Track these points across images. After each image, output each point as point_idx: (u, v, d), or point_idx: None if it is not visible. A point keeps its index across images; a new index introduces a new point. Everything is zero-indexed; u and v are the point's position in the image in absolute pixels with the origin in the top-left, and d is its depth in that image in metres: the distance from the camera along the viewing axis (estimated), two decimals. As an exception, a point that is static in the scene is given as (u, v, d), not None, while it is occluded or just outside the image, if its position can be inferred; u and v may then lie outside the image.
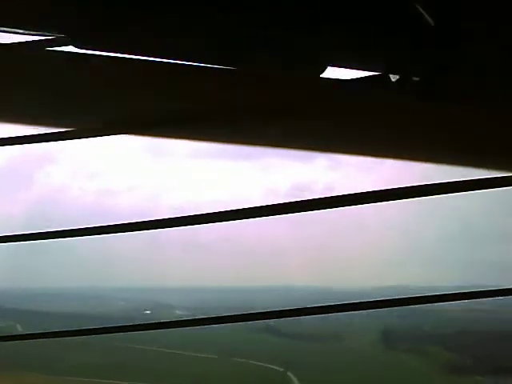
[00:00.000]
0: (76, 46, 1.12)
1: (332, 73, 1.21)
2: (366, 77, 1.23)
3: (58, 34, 1.13)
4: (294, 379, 22.08)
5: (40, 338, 1.65)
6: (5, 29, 1.12)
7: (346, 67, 1.21)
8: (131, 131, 1.23)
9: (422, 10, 1.12)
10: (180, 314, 30.94)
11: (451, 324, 24.82)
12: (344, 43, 1.17)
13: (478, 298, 1.54)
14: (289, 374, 22.09)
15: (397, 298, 1.50)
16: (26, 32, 1.14)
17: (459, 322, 24.77)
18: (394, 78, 1.22)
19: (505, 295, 1.50)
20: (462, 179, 1.29)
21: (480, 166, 1.33)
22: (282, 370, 21.95)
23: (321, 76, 1.20)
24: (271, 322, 29.38)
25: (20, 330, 25.82)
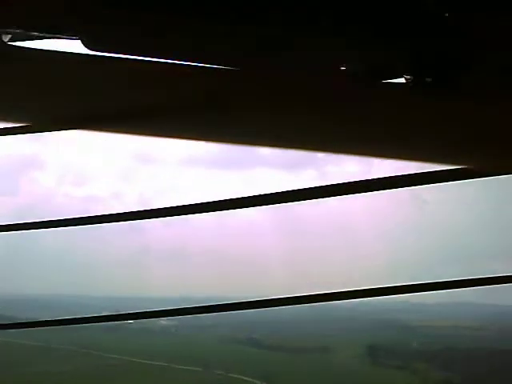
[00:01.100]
0: (88, 48, 1.11)
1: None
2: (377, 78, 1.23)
3: (71, 35, 1.13)
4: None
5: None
6: (18, 31, 1.12)
7: (347, 67, 1.21)
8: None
9: (436, 9, 1.11)
10: (164, 323, 30.75)
11: (439, 340, 24.68)
12: (356, 43, 1.16)
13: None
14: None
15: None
16: (41, 35, 1.13)
17: (447, 339, 24.66)
18: (393, 78, 1.21)
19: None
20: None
21: (479, 166, 1.34)
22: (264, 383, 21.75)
23: (320, 75, 1.20)
24: (256, 334, 29.44)
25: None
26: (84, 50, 1.12)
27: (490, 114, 1.22)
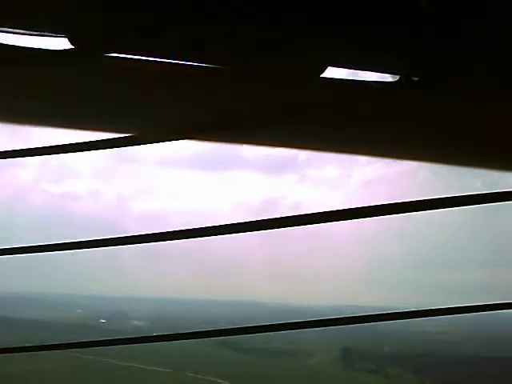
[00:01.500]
0: (79, 48, 1.12)
1: (332, 73, 1.22)
2: (365, 78, 1.24)
3: (61, 35, 1.13)
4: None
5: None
6: (15, 30, 1.12)
7: (346, 67, 1.21)
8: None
9: (424, 9, 1.12)
10: (137, 324, 30.44)
11: (411, 346, 24.85)
12: (344, 43, 1.16)
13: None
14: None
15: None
16: (36, 33, 1.13)
17: (419, 344, 24.85)
18: (394, 78, 1.22)
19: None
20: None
21: (479, 166, 1.34)
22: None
23: (320, 76, 1.20)
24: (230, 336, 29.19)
25: (-26, 335, 24.97)
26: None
27: (490, 114, 1.22)
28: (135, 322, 30.18)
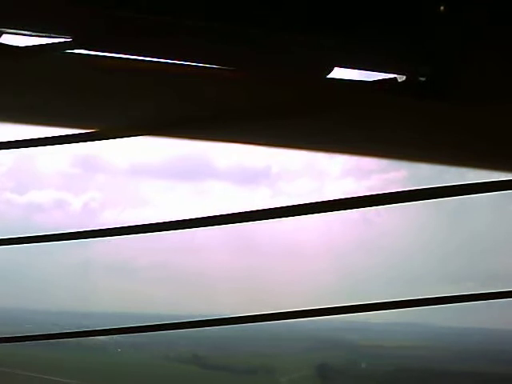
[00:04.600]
0: (81, 48, 1.15)
1: (337, 74, 1.22)
2: (372, 79, 1.24)
3: (64, 35, 1.14)
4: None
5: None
6: (10, 30, 1.13)
7: (350, 68, 1.22)
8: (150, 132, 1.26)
9: (427, 11, 1.12)
10: (106, 340, 29.93)
11: (388, 361, 24.70)
12: (349, 44, 1.17)
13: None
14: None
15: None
16: (33, 34, 1.15)
17: (396, 360, 24.71)
18: (400, 78, 1.23)
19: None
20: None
21: (480, 167, 1.34)
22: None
23: (326, 77, 1.21)
24: (199, 352, 28.91)
25: None
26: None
27: (493, 114, 1.22)
28: (101, 338, 29.58)
